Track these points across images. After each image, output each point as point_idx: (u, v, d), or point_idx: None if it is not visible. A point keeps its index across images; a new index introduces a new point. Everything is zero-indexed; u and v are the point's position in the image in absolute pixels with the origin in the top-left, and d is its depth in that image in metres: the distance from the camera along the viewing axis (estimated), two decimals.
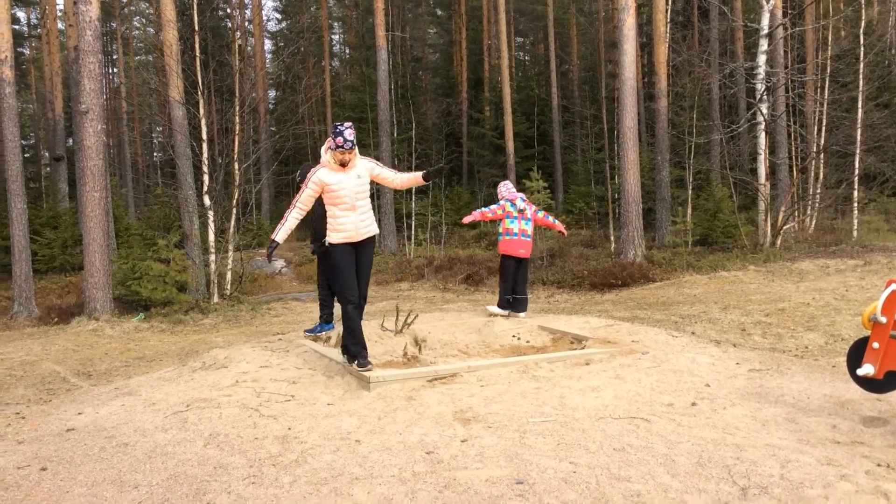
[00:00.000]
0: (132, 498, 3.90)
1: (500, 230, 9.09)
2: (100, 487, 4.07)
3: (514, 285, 9.03)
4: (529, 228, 9.03)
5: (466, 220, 9.01)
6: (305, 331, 8.47)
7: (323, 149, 6.23)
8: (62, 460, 4.58)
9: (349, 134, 5.99)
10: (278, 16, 48.68)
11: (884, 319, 4.49)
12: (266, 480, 4.05)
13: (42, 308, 16.13)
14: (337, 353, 7.06)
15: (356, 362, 6.10)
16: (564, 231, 9.57)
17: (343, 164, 6.07)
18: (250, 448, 4.62)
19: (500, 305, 9.07)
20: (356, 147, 6.10)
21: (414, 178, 6.43)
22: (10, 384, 8.09)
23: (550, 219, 9.38)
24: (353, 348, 6.18)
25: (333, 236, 6.23)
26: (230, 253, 16.91)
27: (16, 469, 4.44)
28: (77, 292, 18.65)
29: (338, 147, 6.00)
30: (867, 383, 4.69)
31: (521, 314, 9.02)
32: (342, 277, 6.22)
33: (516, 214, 8.97)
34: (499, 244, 9.16)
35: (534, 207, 9.24)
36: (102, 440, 4.98)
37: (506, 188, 9.33)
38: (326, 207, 6.24)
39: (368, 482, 3.95)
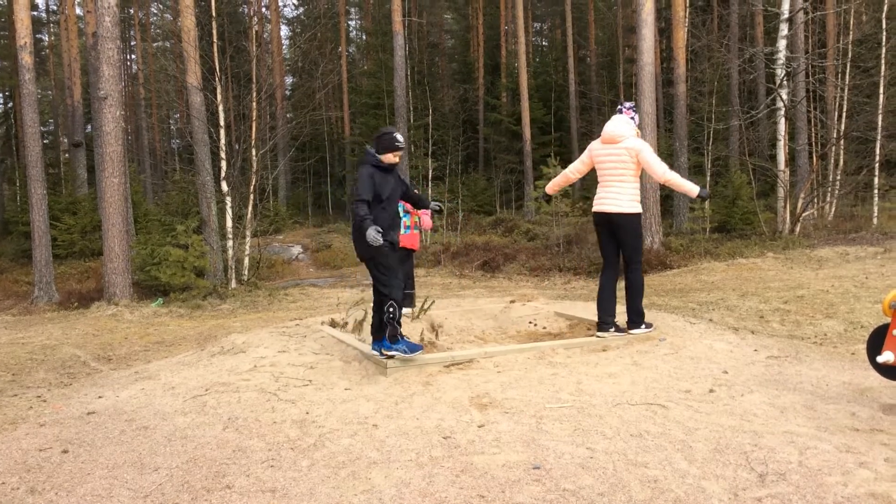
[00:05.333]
0: (152, 480, 3.94)
1: (409, 223, 8.64)
2: (120, 470, 4.12)
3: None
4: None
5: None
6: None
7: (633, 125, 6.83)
8: (83, 443, 4.63)
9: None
10: (295, 1, 48.74)
11: None
12: (284, 464, 4.08)
13: (62, 293, 16.28)
14: (352, 339, 7.08)
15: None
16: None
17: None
18: (269, 432, 4.65)
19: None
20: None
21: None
22: (31, 368, 8.18)
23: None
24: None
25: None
26: (248, 239, 17.00)
27: (38, 451, 4.50)
28: (96, 277, 18.81)
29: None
30: (887, 371, 4.66)
31: (410, 309, 8.54)
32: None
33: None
34: (407, 237, 8.57)
35: None
36: (123, 423, 5.03)
37: None
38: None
39: (386, 466, 3.97)
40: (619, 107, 6.98)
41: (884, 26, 20.24)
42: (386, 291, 5.98)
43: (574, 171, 7.07)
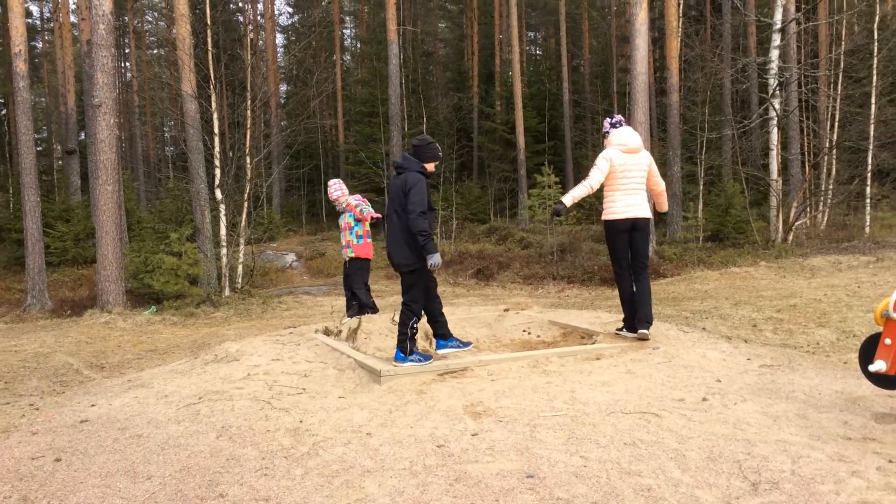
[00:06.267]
0: (145, 489, 3.93)
1: (361, 232, 8.69)
2: (113, 478, 4.11)
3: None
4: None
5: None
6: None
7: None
8: (76, 451, 4.61)
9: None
10: (290, 10, 48.86)
11: None
12: (278, 472, 4.07)
13: (55, 300, 16.23)
14: (346, 347, 7.08)
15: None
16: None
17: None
18: (262, 440, 4.64)
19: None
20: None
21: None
22: (23, 376, 8.15)
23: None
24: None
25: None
26: (241, 246, 16.98)
27: (30, 460, 4.48)
28: (89, 285, 18.76)
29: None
30: (879, 379, 4.68)
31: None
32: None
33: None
34: (362, 247, 8.70)
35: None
36: (116, 432, 5.01)
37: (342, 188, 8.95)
38: None
39: (380, 475, 3.97)
40: (618, 118, 7.10)
41: (875, 37, 20.37)
42: (415, 308, 6.23)
43: (597, 182, 6.97)
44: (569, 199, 6.98)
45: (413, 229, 5.94)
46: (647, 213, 6.97)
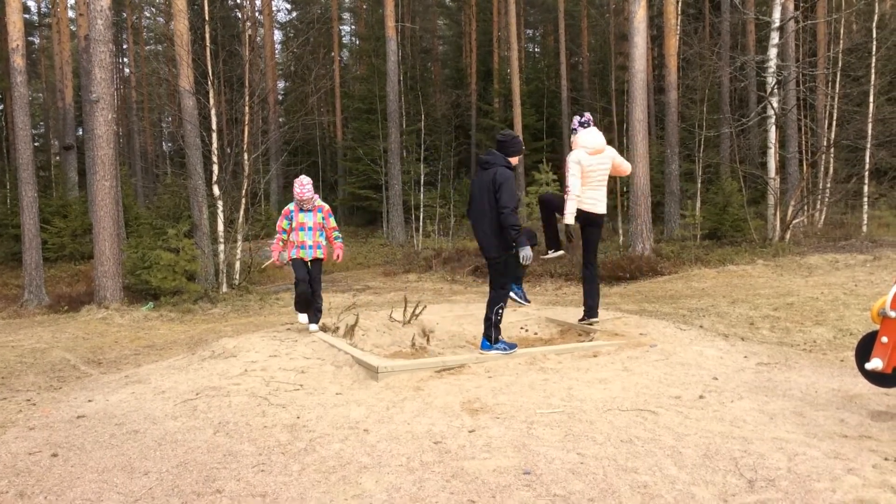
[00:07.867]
0: (142, 484, 3.93)
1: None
2: (110, 474, 4.11)
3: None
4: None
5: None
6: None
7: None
8: (73, 447, 4.61)
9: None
10: (288, 6, 48.77)
11: (893, 314, 4.48)
12: (275, 468, 4.08)
13: (52, 296, 16.21)
14: (343, 343, 7.08)
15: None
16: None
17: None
18: (259, 436, 4.64)
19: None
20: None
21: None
22: (20, 371, 8.14)
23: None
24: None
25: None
26: (239, 243, 16.95)
27: (27, 455, 4.48)
28: (86, 281, 18.73)
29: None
30: (875, 378, 4.69)
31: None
32: None
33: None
34: (326, 249, 8.21)
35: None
36: (112, 427, 5.01)
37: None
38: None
39: (377, 471, 3.97)
40: (587, 118, 7.50)
41: (874, 35, 20.35)
42: (503, 294, 6.62)
43: (579, 189, 7.29)
44: (570, 218, 7.30)
45: (504, 224, 6.25)
46: (603, 209, 7.42)
